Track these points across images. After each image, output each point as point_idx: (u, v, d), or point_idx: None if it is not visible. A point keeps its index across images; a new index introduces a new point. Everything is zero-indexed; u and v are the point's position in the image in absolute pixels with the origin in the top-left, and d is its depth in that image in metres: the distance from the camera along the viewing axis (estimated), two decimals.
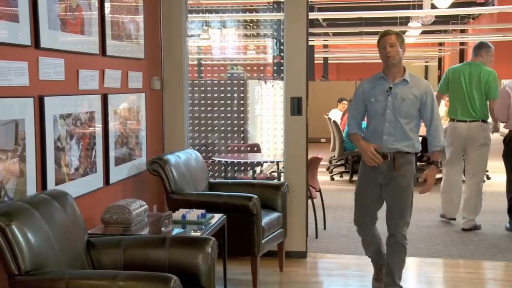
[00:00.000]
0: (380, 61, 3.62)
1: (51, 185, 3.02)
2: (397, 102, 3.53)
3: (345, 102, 10.05)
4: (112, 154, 3.76)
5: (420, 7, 10.35)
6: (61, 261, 2.48)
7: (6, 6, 2.63)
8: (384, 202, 3.70)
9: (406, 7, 10.83)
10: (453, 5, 9.61)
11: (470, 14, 15.20)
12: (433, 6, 9.63)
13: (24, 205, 2.46)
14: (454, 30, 16.83)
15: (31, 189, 2.84)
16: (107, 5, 3.64)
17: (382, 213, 3.76)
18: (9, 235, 2.26)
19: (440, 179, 8.39)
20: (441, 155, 3.62)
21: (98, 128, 3.59)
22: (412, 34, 13.75)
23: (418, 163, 9.00)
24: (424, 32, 15.34)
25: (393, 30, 3.61)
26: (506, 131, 5.43)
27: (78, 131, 3.33)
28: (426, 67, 29.51)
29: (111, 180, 3.76)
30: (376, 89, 3.60)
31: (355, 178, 8.47)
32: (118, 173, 3.86)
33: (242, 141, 6.71)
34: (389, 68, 3.57)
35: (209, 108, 6.49)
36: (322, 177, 7.82)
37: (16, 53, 2.74)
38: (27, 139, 2.81)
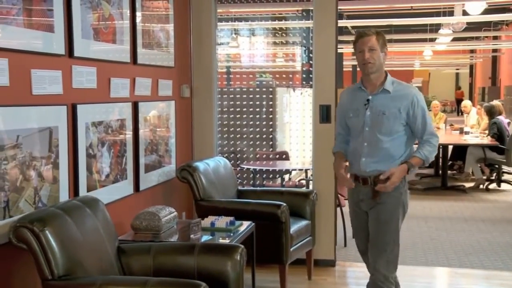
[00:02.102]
0: (410, 68, 3.51)
1: (82, 191, 3.07)
2: (377, 117, 2.96)
3: None
4: (142, 161, 3.81)
5: (451, 13, 10.21)
6: (92, 266, 2.52)
7: (42, 16, 2.70)
8: None
9: (437, 14, 10.69)
10: (486, 12, 9.45)
11: (503, 20, 14.94)
12: (464, 13, 9.50)
13: (57, 211, 2.51)
14: (487, 36, 16.56)
15: (64, 195, 2.90)
16: (138, 14, 3.70)
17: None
18: (43, 240, 2.31)
19: (477, 187, 8.28)
20: (414, 166, 3.00)
21: (128, 135, 3.63)
22: (443, 41, 13.58)
23: (448, 172, 8.89)
24: (455, 39, 15.13)
25: (373, 29, 3.03)
26: None
27: (109, 138, 3.38)
28: (457, 74, 29.11)
29: (141, 187, 3.80)
30: (354, 102, 3.07)
31: None
32: (147, 180, 3.90)
33: (271, 149, 6.71)
34: (367, 76, 3.01)
35: (238, 116, 6.51)
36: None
37: (51, 62, 2.80)
38: (60, 146, 2.87)
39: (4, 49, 2.45)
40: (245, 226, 3.55)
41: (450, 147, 9.24)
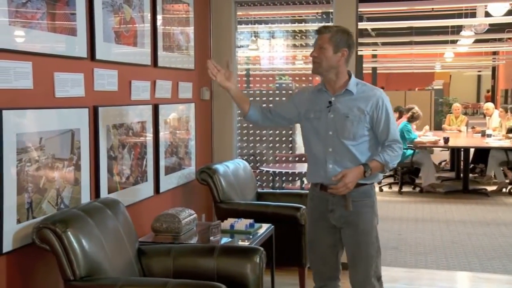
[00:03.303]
0: (431, 70, 3.34)
1: (103, 193, 3.10)
2: (340, 120, 2.74)
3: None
4: (162, 163, 3.83)
5: (473, 15, 10.08)
6: (113, 267, 2.54)
7: (65, 20, 2.73)
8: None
9: (459, 16, 10.57)
10: (509, 13, 9.32)
11: None
12: (487, 14, 9.38)
13: (79, 212, 2.54)
14: (510, 38, 16.32)
15: (85, 197, 2.93)
16: (159, 17, 3.73)
17: None
18: (65, 241, 2.34)
19: (500, 190, 8.15)
20: (372, 170, 2.71)
21: (149, 137, 3.66)
22: (465, 43, 13.42)
23: (470, 175, 8.78)
24: (477, 41, 14.94)
25: (335, 27, 2.78)
26: None
27: (129, 141, 3.41)
28: (479, 76, 28.76)
29: (161, 189, 3.82)
30: (316, 103, 2.82)
31: (404, 189, 8.35)
32: (167, 182, 3.92)
33: (290, 151, 6.69)
34: (322, 76, 2.80)
35: None
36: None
37: (73, 65, 2.83)
38: (82, 148, 2.90)
39: (28, 53, 2.49)
40: (264, 228, 3.55)
41: (472, 150, 9.13)
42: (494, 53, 21.11)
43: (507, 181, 8.48)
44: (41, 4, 2.54)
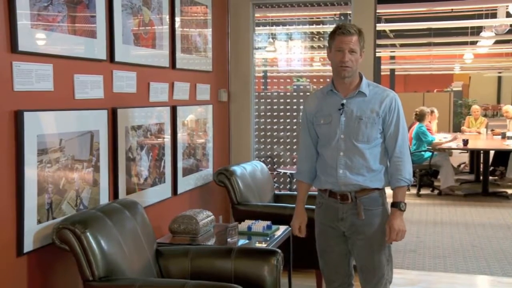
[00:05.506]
0: (450, 72, 3.30)
1: (122, 194, 3.12)
2: (353, 123, 2.65)
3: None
4: (180, 164, 3.85)
5: (494, 16, 9.97)
6: (131, 268, 2.56)
7: (85, 23, 2.76)
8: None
9: (479, 16, 10.46)
10: None
11: None
12: (508, 15, 9.27)
13: (98, 213, 2.56)
14: None
15: (104, 198, 2.95)
16: (177, 20, 3.75)
17: None
18: (84, 242, 2.36)
19: None
20: (404, 195, 2.73)
21: (167, 139, 3.68)
22: (485, 44, 13.27)
23: (490, 177, 8.67)
24: (497, 42, 14.77)
25: (355, 27, 2.65)
26: None
27: (148, 142, 3.43)
28: (499, 78, 28.40)
29: (179, 191, 3.84)
30: (325, 107, 2.72)
31: (422, 192, 8.28)
32: (185, 183, 3.94)
33: None
34: (341, 79, 2.67)
35: (274, 120, 6.50)
36: (388, 190, 7.67)
37: (93, 67, 2.86)
38: (101, 150, 2.93)
39: (49, 55, 2.52)
40: (281, 230, 3.55)
41: (492, 152, 9.02)
42: None
43: None
44: (62, 7, 2.57)
